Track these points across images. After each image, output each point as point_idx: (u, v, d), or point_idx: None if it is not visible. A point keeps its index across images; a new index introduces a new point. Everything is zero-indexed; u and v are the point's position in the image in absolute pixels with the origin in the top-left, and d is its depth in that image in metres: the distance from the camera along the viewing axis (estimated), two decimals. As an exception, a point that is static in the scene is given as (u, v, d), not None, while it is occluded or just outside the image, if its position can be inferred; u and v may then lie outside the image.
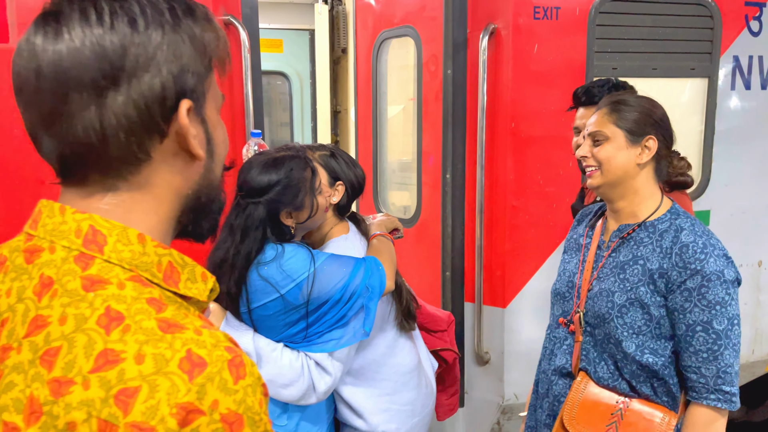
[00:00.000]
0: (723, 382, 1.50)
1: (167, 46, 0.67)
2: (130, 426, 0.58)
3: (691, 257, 1.51)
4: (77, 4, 0.65)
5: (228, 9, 2.35)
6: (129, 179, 0.69)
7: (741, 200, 3.06)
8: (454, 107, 2.76)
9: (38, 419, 0.59)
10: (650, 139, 1.59)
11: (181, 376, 0.60)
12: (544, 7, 2.60)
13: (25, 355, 0.62)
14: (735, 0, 2.88)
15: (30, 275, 0.67)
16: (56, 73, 0.64)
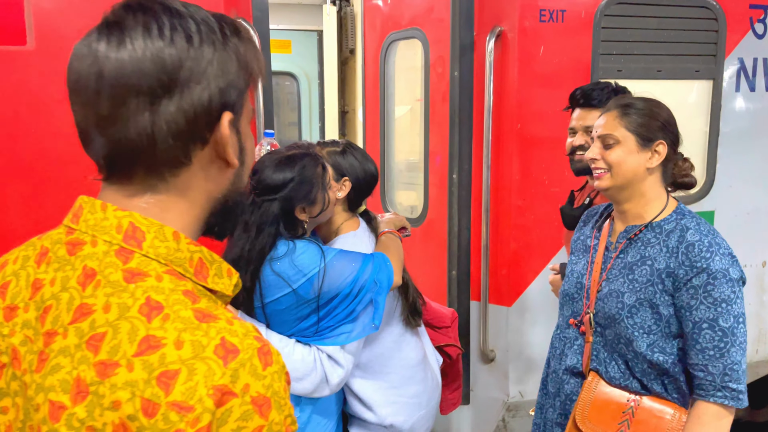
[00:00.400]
0: (730, 380, 1.50)
1: (217, 62, 0.72)
2: (171, 405, 0.63)
3: (697, 255, 1.54)
4: (140, 17, 0.71)
5: (239, 11, 2.40)
6: (168, 181, 0.75)
7: (745, 201, 3.09)
8: (461, 108, 2.80)
9: (84, 398, 0.64)
10: (660, 143, 1.61)
11: (216, 361, 0.65)
12: (549, 9, 2.63)
13: (71, 339, 0.67)
14: (739, 3, 2.90)
15: (73, 266, 0.72)
16: (117, 78, 0.69)
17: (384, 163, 3.65)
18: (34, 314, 0.72)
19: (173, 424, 0.62)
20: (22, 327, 0.72)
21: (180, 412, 0.62)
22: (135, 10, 0.71)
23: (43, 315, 0.70)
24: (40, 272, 0.74)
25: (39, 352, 0.69)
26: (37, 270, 0.75)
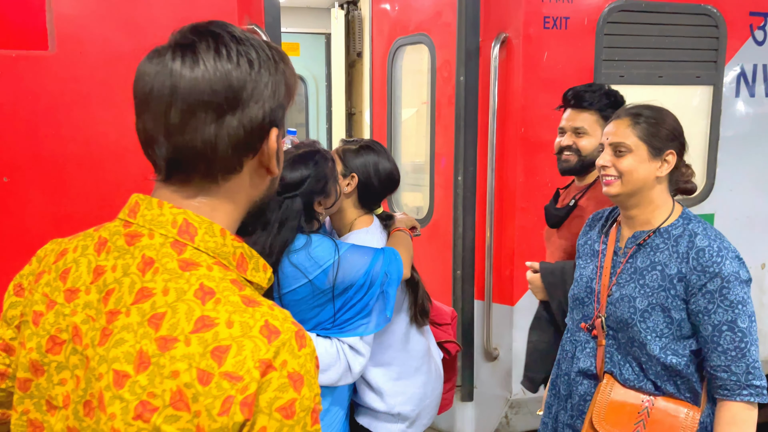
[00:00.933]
0: (753, 378, 1.55)
1: (271, 85, 0.83)
2: (223, 374, 0.72)
3: (708, 261, 1.57)
4: (212, 42, 0.80)
5: (252, 18, 2.47)
6: (220, 185, 0.84)
7: (744, 204, 3.14)
8: (466, 112, 2.87)
9: (147, 368, 0.74)
10: (670, 153, 1.65)
11: (261, 339, 0.74)
12: (553, 17, 2.70)
13: (133, 318, 0.77)
14: (740, 10, 2.96)
15: (132, 255, 0.82)
16: (190, 93, 0.79)
17: (390, 164, 3.72)
18: (96, 296, 0.81)
19: (225, 390, 0.71)
20: (83, 307, 0.82)
21: (231, 380, 0.72)
22: (205, 35, 0.81)
23: (105, 297, 0.80)
24: (100, 260, 0.84)
25: (102, 329, 0.79)
26: (97, 258, 0.84)
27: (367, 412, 1.97)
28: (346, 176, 1.92)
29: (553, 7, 2.70)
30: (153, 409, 0.72)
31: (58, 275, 0.86)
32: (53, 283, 0.86)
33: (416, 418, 1.99)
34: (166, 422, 0.72)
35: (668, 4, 2.83)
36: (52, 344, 0.83)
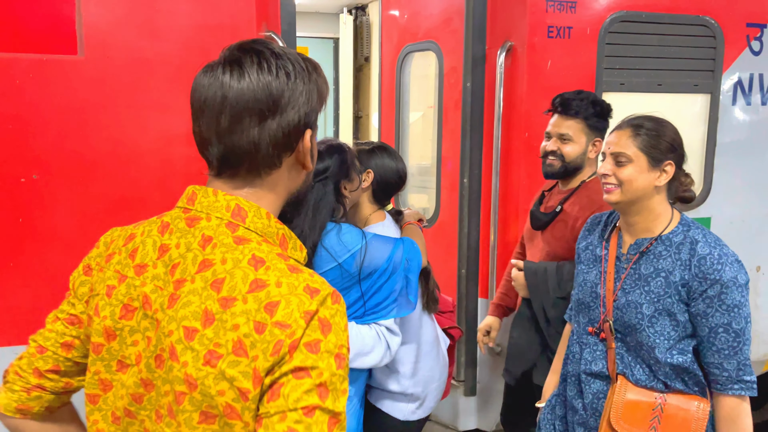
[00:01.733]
0: (744, 373, 1.66)
1: (305, 93, 0.96)
2: (275, 324, 0.87)
3: (709, 268, 1.67)
4: (255, 58, 0.95)
5: (269, 25, 2.59)
6: (263, 178, 0.99)
7: (740, 209, 3.24)
8: (472, 117, 2.98)
9: (212, 323, 0.89)
10: (669, 164, 1.74)
11: (306, 296, 0.89)
12: (557, 26, 2.81)
13: (198, 284, 0.92)
14: (737, 21, 3.07)
15: (193, 234, 0.97)
16: (238, 102, 0.93)
17: (398, 166, 3.83)
18: (162, 269, 0.97)
19: (276, 336, 0.86)
20: (152, 279, 0.97)
21: (281, 328, 0.87)
22: (250, 52, 0.96)
23: (172, 269, 0.96)
24: (164, 239, 0.99)
25: (170, 295, 0.94)
26: (161, 238, 1.00)
27: (381, 394, 2.09)
28: (362, 172, 2.08)
29: (557, 18, 2.80)
30: (219, 357, 0.87)
31: (128, 255, 1.02)
32: (123, 261, 1.01)
33: (424, 400, 2.12)
34: (229, 367, 0.86)
35: (668, 15, 2.93)
36: (125, 311, 0.98)
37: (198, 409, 0.89)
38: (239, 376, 0.86)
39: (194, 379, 0.88)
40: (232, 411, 0.87)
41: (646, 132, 1.75)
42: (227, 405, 0.87)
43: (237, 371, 0.86)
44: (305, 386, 0.85)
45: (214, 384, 0.87)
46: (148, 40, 2.32)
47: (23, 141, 2.25)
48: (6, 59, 2.20)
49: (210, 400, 0.87)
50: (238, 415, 0.87)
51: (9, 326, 2.32)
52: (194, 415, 0.89)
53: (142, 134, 2.35)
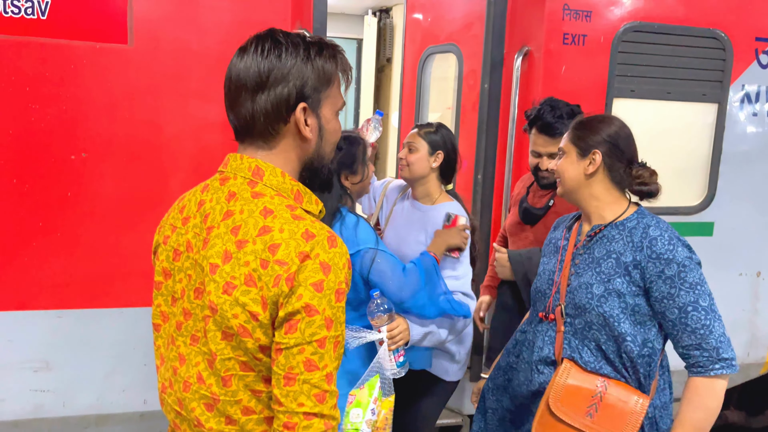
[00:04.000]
0: (723, 351, 1.66)
1: (296, 71, 1.12)
2: (276, 261, 1.06)
3: (662, 248, 1.71)
4: (258, 43, 1.14)
5: (303, 23, 2.77)
6: (271, 144, 1.17)
7: (743, 215, 3.36)
8: (489, 117, 3.13)
9: (230, 260, 1.09)
10: (596, 153, 1.83)
11: (302, 240, 1.08)
12: (572, 34, 2.97)
13: (221, 230, 1.13)
14: (746, 35, 3.20)
15: (222, 191, 1.17)
16: (238, 79, 1.13)
17: (415, 163, 3.99)
18: (199, 219, 1.18)
19: (276, 271, 1.06)
20: (192, 228, 1.18)
21: (280, 265, 1.06)
22: (256, 38, 1.15)
23: (204, 219, 1.17)
24: (202, 196, 1.20)
25: (204, 239, 1.14)
26: (200, 195, 1.21)
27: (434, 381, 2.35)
28: (432, 154, 2.33)
29: (573, 25, 2.96)
30: (234, 287, 1.07)
31: (179, 211, 1.25)
32: (176, 216, 1.24)
33: (464, 362, 2.42)
34: (242, 295, 1.06)
35: (679, 27, 3.08)
36: (175, 255, 1.20)
37: (219, 329, 1.09)
38: (250, 302, 1.06)
39: (215, 305, 1.08)
40: (244, 330, 1.07)
41: (578, 126, 1.90)
42: (240, 326, 1.07)
43: (248, 298, 1.06)
44: (317, 322, 1.05)
45: (230, 309, 1.07)
46: (193, 33, 2.52)
47: (75, 122, 2.45)
48: (63, 46, 2.41)
49: (227, 321, 1.07)
50: (249, 333, 1.07)
51: (56, 291, 2.52)
52: (217, 334, 1.10)
53: (182, 120, 2.55)
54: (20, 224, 2.45)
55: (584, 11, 2.96)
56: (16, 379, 2.54)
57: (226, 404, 1.11)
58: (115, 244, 2.53)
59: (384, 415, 1.84)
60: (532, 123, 2.47)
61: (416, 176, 2.40)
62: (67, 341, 2.55)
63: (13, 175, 2.42)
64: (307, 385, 1.05)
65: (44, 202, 2.46)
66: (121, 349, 2.59)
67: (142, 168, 2.54)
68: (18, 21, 2.35)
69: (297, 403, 1.05)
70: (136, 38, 2.48)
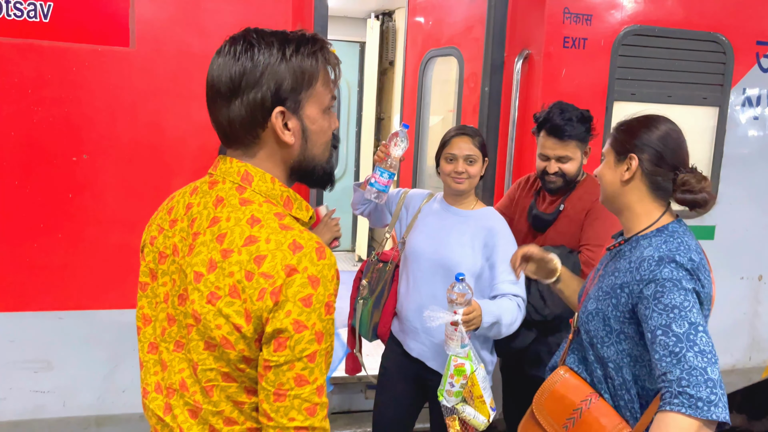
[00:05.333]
0: (687, 385, 1.37)
1: (269, 73, 1.05)
2: (261, 274, 1.02)
3: (646, 269, 1.54)
4: (230, 46, 1.07)
5: (304, 26, 2.78)
6: (253, 151, 1.11)
7: (744, 218, 3.36)
8: (489, 119, 3.14)
9: (215, 270, 1.05)
10: (632, 157, 1.64)
11: (288, 252, 1.03)
12: (573, 37, 2.97)
13: (207, 237, 1.08)
14: (747, 39, 3.21)
15: (210, 195, 1.13)
16: (212, 85, 1.08)
17: (417, 165, 4.01)
18: (186, 223, 1.13)
19: (261, 284, 1.01)
20: (179, 231, 1.14)
21: (266, 278, 1.01)
22: (230, 40, 1.08)
23: (191, 223, 1.12)
24: (191, 199, 1.16)
25: (189, 245, 1.10)
26: (189, 198, 1.17)
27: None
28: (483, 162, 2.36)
29: (573, 29, 2.97)
30: (218, 297, 1.03)
31: (167, 212, 1.20)
32: (163, 216, 1.20)
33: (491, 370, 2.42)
34: (226, 306, 1.03)
35: (680, 30, 3.08)
36: (161, 257, 1.16)
37: (202, 339, 1.05)
38: (233, 314, 1.02)
39: (199, 314, 1.05)
40: (227, 342, 1.03)
41: (618, 128, 1.73)
42: (223, 337, 1.03)
43: (231, 310, 1.02)
44: (306, 338, 1.02)
45: (213, 319, 1.03)
46: (194, 36, 2.53)
47: (77, 123, 2.47)
48: (65, 48, 2.43)
49: (210, 332, 1.04)
50: (231, 345, 1.03)
51: (56, 292, 2.54)
52: (200, 344, 1.06)
53: (183, 122, 2.56)
54: (22, 225, 2.47)
55: (584, 15, 2.97)
56: (16, 380, 2.55)
57: (209, 414, 1.09)
58: (116, 246, 2.55)
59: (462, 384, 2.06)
60: (540, 125, 2.42)
61: (472, 188, 2.36)
62: (67, 342, 2.57)
63: (14, 176, 2.44)
64: (298, 399, 1.03)
65: (46, 203, 2.47)
66: (122, 350, 2.60)
67: (144, 170, 2.56)
68: (21, 24, 2.37)
69: (288, 418, 1.03)
70: (138, 41, 2.50)
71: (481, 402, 2.06)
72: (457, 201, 2.39)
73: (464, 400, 2.08)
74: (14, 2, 2.36)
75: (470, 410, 2.07)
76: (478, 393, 2.05)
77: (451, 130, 2.39)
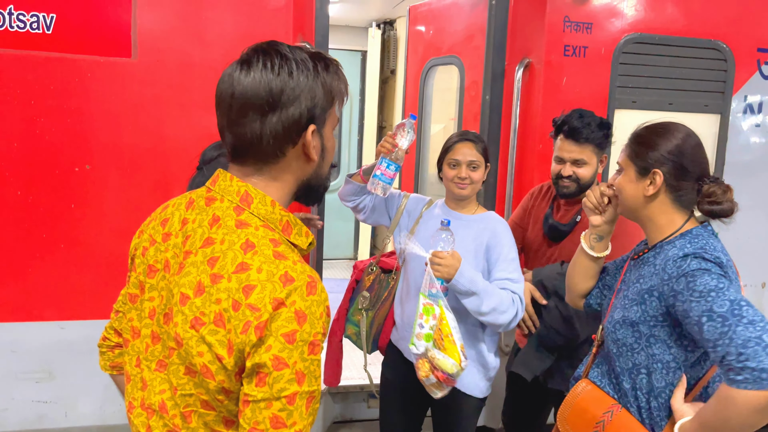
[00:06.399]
0: (746, 358, 1.31)
1: (307, 90, 1.03)
2: (248, 305, 0.96)
3: (672, 267, 1.53)
4: (261, 58, 1.03)
5: (305, 36, 2.80)
6: (270, 167, 1.07)
7: (746, 226, 3.31)
8: (490, 127, 3.15)
9: (202, 294, 1.00)
10: (657, 173, 1.61)
11: (279, 284, 0.97)
12: (573, 45, 2.98)
13: (198, 257, 1.03)
14: (748, 46, 3.21)
15: (207, 213, 1.08)
16: (243, 97, 1.02)
17: (418, 174, 4.01)
18: (180, 239, 1.08)
19: (247, 317, 0.96)
20: (172, 247, 1.09)
21: (252, 310, 0.96)
22: (259, 52, 1.04)
23: (185, 240, 1.07)
24: (187, 214, 1.11)
25: (180, 263, 1.06)
26: (185, 212, 1.11)
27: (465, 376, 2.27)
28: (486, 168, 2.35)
29: (574, 37, 2.98)
30: (202, 324, 0.98)
31: (160, 222, 1.15)
32: (156, 228, 1.15)
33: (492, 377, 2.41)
34: (209, 334, 0.98)
35: (680, 38, 3.09)
36: (149, 271, 1.12)
37: (183, 363, 1.01)
38: (216, 343, 0.97)
39: (181, 339, 1.00)
40: (207, 371, 0.98)
41: (635, 139, 1.70)
42: (203, 365, 0.98)
43: (215, 339, 0.97)
44: (286, 377, 0.95)
45: (195, 345, 0.98)
46: (196, 46, 2.55)
47: (79, 134, 2.48)
48: (67, 60, 2.44)
49: (191, 358, 0.99)
50: (212, 375, 0.98)
51: (59, 302, 2.54)
52: (181, 368, 1.02)
53: (186, 131, 2.57)
54: (24, 235, 2.47)
55: (585, 23, 2.98)
56: (18, 390, 2.55)
57: None
58: (119, 256, 2.55)
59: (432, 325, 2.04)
60: (559, 128, 2.40)
61: (474, 193, 2.35)
62: (69, 352, 2.57)
63: (17, 186, 2.45)
64: None
65: (48, 213, 2.48)
66: (123, 359, 2.60)
67: (146, 179, 2.56)
68: (24, 35, 2.39)
69: None
70: (140, 52, 2.51)
71: (451, 342, 2.02)
72: (459, 206, 2.39)
73: (435, 344, 2.04)
74: (17, 14, 2.38)
75: (439, 353, 2.03)
76: (447, 331, 2.03)
77: (454, 136, 2.39)
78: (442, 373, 2.03)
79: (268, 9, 2.59)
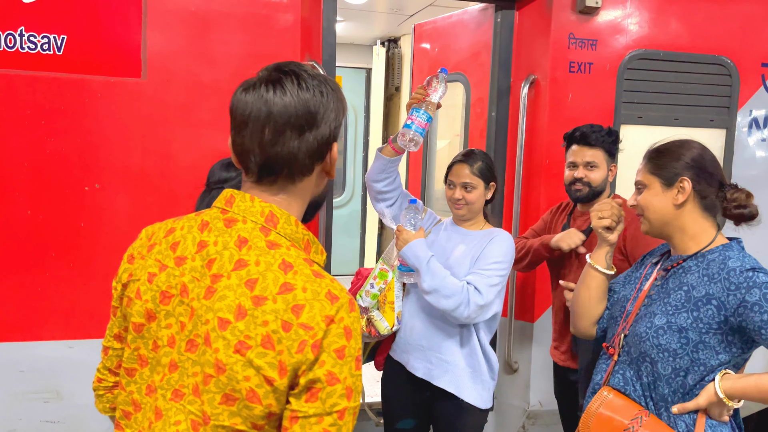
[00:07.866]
0: None
1: (334, 109, 1.09)
2: (300, 325, 0.98)
3: (740, 276, 1.58)
4: (294, 78, 1.06)
5: (312, 55, 2.82)
6: (296, 185, 1.10)
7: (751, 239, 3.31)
8: (497, 144, 3.16)
9: (244, 317, 0.99)
10: (684, 180, 1.69)
11: (327, 302, 1.00)
12: (578, 62, 3.00)
13: (233, 281, 1.02)
14: (752, 61, 3.22)
15: (230, 234, 1.07)
16: (282, 116, 1.04)
17: (425, 189, 4.02)
18: (200, 263, 1.06)
19: (300, 336, 0.98)
20: (189, 271, 1.07)
21: (305, 329, 0.98)
22: (288, 73, 1.07)
23: (209, 264, 1.06)
24: (203, 236, 1.09)
25: (207, 287, 1.03)
26: (201, 235, 1.10)
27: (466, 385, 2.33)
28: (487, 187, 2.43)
29: (579, 54, 3.00)
30: (248, 347, 0.98)
31: (168, 246, 1.12)
32: (164, 252, 1.12)
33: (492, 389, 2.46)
34: (257, 357, 0.98)
35: (685, 54, 3.11)
36: (163, 297, 1.09)
37: (222, 392, 0.99)
38: (265, 366, 0.97)
39: (224, 364, 0.98)
40: (254, 395, 0.98)
41: (654, 155, 1.78)
42: (250, 389, 0.98)
43: (264, 361, 0.97)
44: (338, 392, 0.98)
45: (241, 370, 0.97)
46: (204, 66, 2.57)
47: (89, 153, 2.50)
48: (78, 80, 2.47)
49: (235, 384, 0.98)
50: (259, 399, 0.98)
51: (68, 321, 2.54)
52: (217, 396, 1.00)
53: (194, 150, 2.59)
54: (33, 254, 2.48)
55: (590, 40, 3.00)
56: (26, 410, 2.54)
57: None
58: (127, 274, 2.56)
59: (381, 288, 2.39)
60: (570, 137, 2.51)
61: (475, 213, 2.40)
62: (78, 372, 2.56)
63: (27, 205, 2.46)
64: None
65: (58, 232, 2.49)
66: (132, 378, 2.60)
67: (155, 199, 2.57)
68: (34, 56, 2.42)
69: None
70: (150, 72, 2.54)
71: (390, 308, 2.36)
72: (463, 223, 2.45)
73: (377, 305, 2.37)
74: (28, 35, 2.41)
75: (378, 314, 2.37)
76: (391, 299, 2.37)
77: (457, 156, 2.45)
78: (374, 330, 2.36)
79: (276, 29, 2.62)
